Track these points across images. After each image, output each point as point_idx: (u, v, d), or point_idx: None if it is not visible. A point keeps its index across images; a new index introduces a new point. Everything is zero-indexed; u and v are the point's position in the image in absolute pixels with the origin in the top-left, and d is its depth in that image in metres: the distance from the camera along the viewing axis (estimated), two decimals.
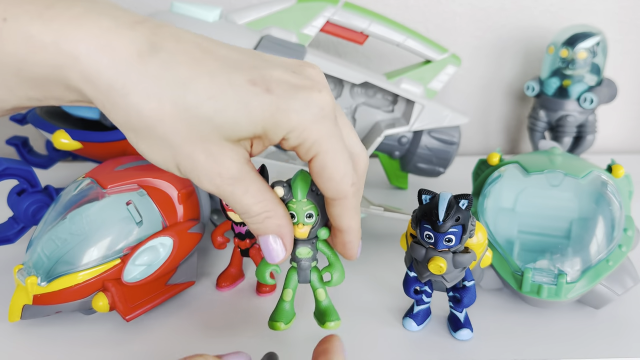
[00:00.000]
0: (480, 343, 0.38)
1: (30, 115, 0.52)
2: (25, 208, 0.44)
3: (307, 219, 0.30)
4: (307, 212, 0.30)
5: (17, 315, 0.37)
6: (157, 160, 0.26)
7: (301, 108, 0.26)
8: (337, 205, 0.29)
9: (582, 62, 0.61)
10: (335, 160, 0.27)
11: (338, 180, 0.28)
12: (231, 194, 0.27)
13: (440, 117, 0.55)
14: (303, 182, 0.30)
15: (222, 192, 0.27)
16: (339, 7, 0.50)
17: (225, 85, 0.25)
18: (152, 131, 0.25)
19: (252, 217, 0.28)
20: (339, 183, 0.28)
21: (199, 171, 0.26)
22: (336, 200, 0.29)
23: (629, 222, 0.42)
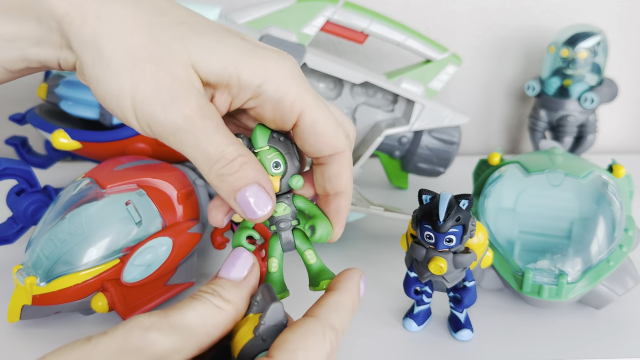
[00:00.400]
0: (481, 343, 0.38)
1: (30, 115, 0.52)
2: (24, 208, 0.44)
3: (274, 169, 0.26)
4: (273, 161, 0.26)
5: (17, 315, 0.37)
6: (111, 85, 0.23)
7: (277, 60, 0.24)
8: (334, 162, 0.26)
9: (582, 62, 0.61)
10: (324, 113, 0.25)
11: (332, 131, 0.25)
12: (202, 128, 0.23)
13: (441, 117, 0.55)
14: (262, 129, 0.26)
15: (191, 126, 0.23)
16: (339, 6, 0.50)
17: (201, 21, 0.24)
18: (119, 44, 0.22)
19: (228, 163, 0.24)
20: (334, 135, 0.25)
21: (162, 97, 0.22)
22: (333, 156, 0.26)
23: (630, 222, 0.42)
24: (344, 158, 0.26)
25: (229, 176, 0.24)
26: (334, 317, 0.23)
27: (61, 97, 0.51)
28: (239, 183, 0.24)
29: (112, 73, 0.22)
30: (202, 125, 0.23)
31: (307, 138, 0.25)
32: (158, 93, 0.22)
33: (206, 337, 0.22)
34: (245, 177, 0.24)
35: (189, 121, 0.23)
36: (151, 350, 0.20)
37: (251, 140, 0.26)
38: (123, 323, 0.21)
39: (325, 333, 0.22)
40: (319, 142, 0.25)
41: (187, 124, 0.23)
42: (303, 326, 0.22)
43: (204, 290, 0.23)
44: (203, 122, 0.23)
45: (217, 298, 0.23)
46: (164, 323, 0.21)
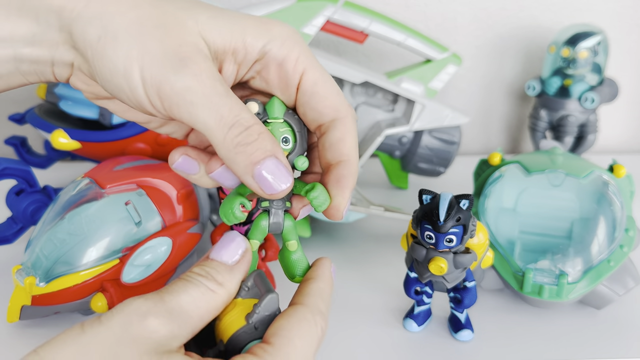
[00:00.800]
0: (481, 344, 0.38)
1: (29, 115, 0.52)
2: (23, 208, 0.44)
3: (283, 144, 0.25)
4: (283, 135, 0.25)
5: (16, 315, 0.37)
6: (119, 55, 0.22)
7: (281, 25, 0.25)
8: (335, 128, 0.25)
9: (583, 62, 0.60)
10: (326, 76, 0.25)
11: (336, 95, 0.25)
12: (213, 88, 0.22)
13: (441, 117, 0.55)
14: (280, 102, 0.25)
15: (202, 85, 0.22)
16: (339, 6, 0.50)
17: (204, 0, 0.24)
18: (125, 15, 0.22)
19: (245, 130, 0.22)
20: (337, 99, 0.25)
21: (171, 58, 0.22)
22: (335, 121, 0.25)
23: (631, 223, 0.42)
24: (346, 123, 0.25)
25: (247, 146, 0.22)
26: (320, 303, 0.24)
27: (61, 97, 0.51)
28: (257, 155, 0.22)
29: (119, 43, 0.22)
30: (213, 86, 0.22)
31: (308, 100, 0.25)
32: (167, 55, 0.22)
33: (199, 321, 0.22)
34: (264, 149, 0.22)
35: (200, 80, 0.22)
36: (150, 339, 0.20)
37: (266, 109, 0.25)
38: (118, 308, 0.20)
39: (315, 320, 0.23)
40: (320, 104, 0.25)
41: (198, 83, 0.22)
42: (295, 314, 0.23)
43: (196, 272, 0.22)
44: (214, 83, 0.22)
45: (210, 281, 0.22)
46: (161, 309, 0.20)
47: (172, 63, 0.22)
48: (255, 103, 0.24)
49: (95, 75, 0.23)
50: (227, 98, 0.22)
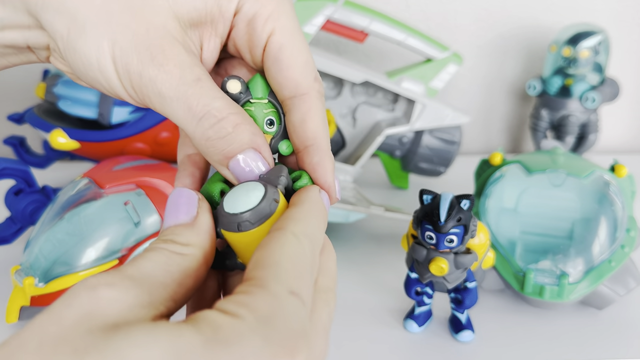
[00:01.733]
0: (482, 344, 0.37)
1: (28, 115, 0.52)
2: (22, 208, 0.44)
3: (267, 127, 0.23)
4: (267, 118, 0.23)
5: (15, 316, 0.37)
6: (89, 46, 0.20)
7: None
8: (296, 107, 0.22)
9: (584, 61, 0.60)
10: (296, 43, 0.22)
11: (299, 65, 0.22)
12: (180, 77, 0.20)
13: (442, 117, 0.55)
14: (264, 79, 0.23)
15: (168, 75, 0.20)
16: (339, 5, 0.50)
17: None
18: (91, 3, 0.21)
19: (217, 122, 0.20)
20: (300, 69, 0.22)
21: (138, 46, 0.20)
22: (296, 97, 0.22)
23: (632, 223, 0.42)
24: (307, 101, 0.22)
25: (219, 140, 0.20)
26: (301, 225, 0.19)
27: (59, 97, 0.51)
28: (232, 149, 0.20)
29: (88, 36, 0.20)
30: (180, 75, 0.20)
31: (270, 67, 0.22)
32: (134, 44, 0.20)
33: (178, 286, 0.18)
34: (240, 141, 0.20)
35: (165, 70, 0.20)
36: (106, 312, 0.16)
37: (249, 87, 0.23)
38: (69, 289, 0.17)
39: (300, 240, 0.19)
40: (280, 75, 0.22)
41: (163, 73, 0.20)
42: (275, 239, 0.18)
43: (154, 242, 0.19)
44: (181, 71, 0.20)
45: (172, 244, 0.19)
46: (116, 277, 0.17)
47: (140, 53, 0.20)
48: (237, 81, 0.22)
49: (70, 66, 0.22)
50: (197, 87, 0.20)
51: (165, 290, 0.18)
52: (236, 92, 0.22)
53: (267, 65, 0.22)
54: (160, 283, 0.18)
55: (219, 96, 0.21)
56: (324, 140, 0.23)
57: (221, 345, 0.15)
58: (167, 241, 0.19)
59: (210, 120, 0.20)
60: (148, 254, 0.18)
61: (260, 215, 0.19)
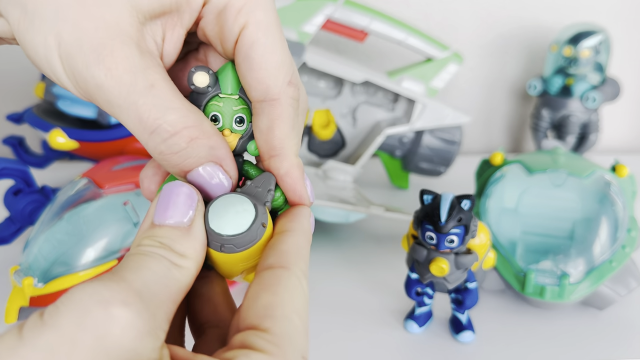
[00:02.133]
0: (483, 345, 0.37)
1: (27, 114, 0.52)
2: (21, 208, 0.44)
3: (236, 125, 0.21)
4: (237, 115, 0.21)
5: (14, 316, 0.37)
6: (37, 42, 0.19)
7: None
8: (266, 110, 0.20)
9: (585, 61, 0.60)
10: (271, 39, 0.20)
11: (271, 68, 0.20)
12: (130, 84, 0.18)
13: (442, 116, 0.54)
14: (235, 72, 0.21)
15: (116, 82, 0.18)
16: (339, 4, 0.50)
17: None
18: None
19: (170, 137, 0.18)
20: (272, 74, 0.20)
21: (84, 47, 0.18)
22: (265, 102, 0.20)
23: (633, 223, 0.42)
24: (277, 108, 0.20)
25: (172, 155, 0.19)
26: (302, 263, 0.19)
27: (58, 96, 0.51)
28: (187, 163, 0.19)
29: (36, 29, 0.18)
30: (131, 82, 0.18)
31: (241, 63, 0.20)
32: (80, 44, 0.18)
33: (172, 305, 0.17)
34: (196, 156, 0.19)
35: (113, 76, 0.18)
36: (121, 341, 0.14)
37: (218, 80, 0.21)
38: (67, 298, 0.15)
39: (302, 284, 0.18)
40: (249, 75, 0.20)
41: (110, 80, 0.18)
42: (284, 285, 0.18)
43: (147, 244, 0.17)
44: (132, 77, 0.18)
45: (169, 252, 0.17)
46: (128, 293, 0.15)
47: (86, 55, 0.18)
48: (204, 74, 0.20)
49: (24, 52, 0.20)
50: (149, 96, 0.18)
51: (162, 309, 0.16)
52: (203, 86, 0.20)
53: (237, 61, 0.20)
54: (160, 302, 0.16)
55: (173, 106, 0.19)
56: (291, 149, 0.21)
57: None
58: (164, 246, 0.17)
59: (162, 135, 0.18)
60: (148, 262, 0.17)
61: (247, 241, 0.18)
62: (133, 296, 0.15)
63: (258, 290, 0.18)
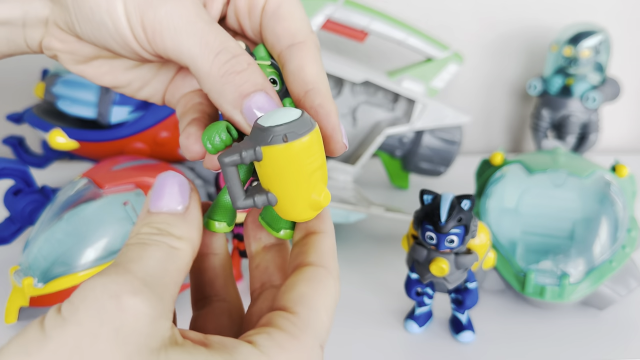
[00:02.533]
0: (483, 345, 0.37)
1: (27, 114, 0.52)
2: (21, 208, 0.44)
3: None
4: (270, 77, 0.23)
5: (14, 317, 0.37)
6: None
7: None
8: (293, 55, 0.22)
9: (585, 61, 0.60)
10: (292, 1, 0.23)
11: (296, 19, 0.23)
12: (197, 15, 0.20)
13: (442, 116, 0.54)
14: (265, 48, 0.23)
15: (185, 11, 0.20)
16: (339, 4, 0.50)
17: None
18: None
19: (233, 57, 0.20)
20: (297, 22, 0.22)
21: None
22: (294, 46, 0.22)
23: (633, 223, 0.42)
24: (304, 49, 0.22)
25: (236, 75, 0.20)
26: (336, 264, 0.21)
27: (58, 96, 0.50)
28: (247, 86, 0.20)
29: None
30: (198, 13, 0.20)
31: (268, 22, 0.23)
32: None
33: (175, 286, 0.18)
34: (254, 81, 0.20)
35: (183, 6, 0.20)
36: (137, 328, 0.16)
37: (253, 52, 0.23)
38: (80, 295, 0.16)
39: (335, 285, 0.20)
40: (278, 26, 0.22)
41: (181, 8, 0.20)
42: (320, 280, 0.19)
43: (147, 232, 0.18)
44: (198, 10, 0.20)
45: (168, 237, 0.18)
46: (134, 283, 0.16)
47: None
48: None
49: (75, 21, 0.21)
50: (213, 25, 0.21)
51: (168, 291, 0.17)
52: None
53: (265, 22, 0.23)
54: (164, 285, 0.17)
55: (232, 39, 0.21)
56: (324, 84, 0.22)
57: None
58: (163, 232, 0.18)
59: (227, 55, 0.20)
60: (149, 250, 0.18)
61: (305, 127, 0.19)
62: (139, 285, 0.16)
63: (298, 280, 0.19)
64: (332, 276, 0.20)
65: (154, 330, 0.16)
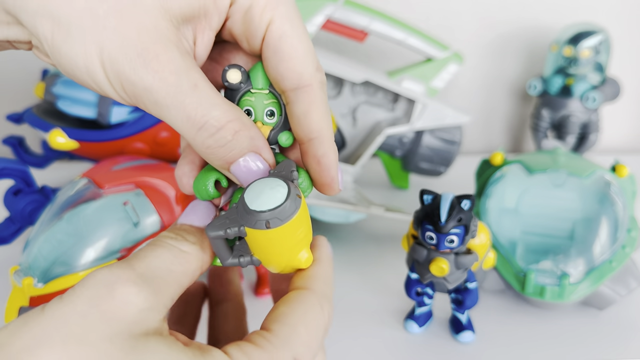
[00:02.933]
0: (483, 345, 0.37)
1: (27, 114, 0.52)
2: (21, 208, 0.44)
3: (267, 118, 0.22)
4: (268, 109, 0.22)
5: (14, 317, 0.37)
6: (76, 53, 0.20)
7: None
8: (299, 99, 0.22)
9: (585, 61, 0.60)
10: (296, 31, 0.21)
11: (301, 55, 0.21)
12: (176, 85, 0.19)
13: (442, 116, 0.54)
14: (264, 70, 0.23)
15: (163, 84, 0.19)
16: (339, 4, 0.50)
17: None
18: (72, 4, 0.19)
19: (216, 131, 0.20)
20: (301, 60, 0.21)
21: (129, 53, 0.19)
22: (299, 89, 0.22)
23: (633, 223, 0.42)
24: (310, 93, 0.22)
25: (219, 148, 0.20)
26: (327, 288, 0.21)
27: (58, 96, 0.50)
28: (232, 155, 0.21)
29: (74, 39, 0.19)
30: (177, 82, 0.19)
31: (271, 57, 0.21)
32: (124, 49, 0.19)
33: (177, 287, 0.19)
34: (239, 148, 0.21)
35: (160, 78, 0.19)
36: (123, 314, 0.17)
37: (250, 77, 0.22)
38: (82, 282, 0.18)
39: (322, 305, 0.21)
40: (281, 65, 0.21)
41: (158, 82, 0.19)
42: (300, 299, 0.20)
43: (166, 235, 0.20)
44: (177, 78, 0.19)
45: (181, 242, 0.20)
46: (130, 275, 0.18)
47: (130, 58, 0.19)
48: (237, 71, 0.22)
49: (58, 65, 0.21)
50: (195, 95, 0.20)
51: (167, 289, 0.19)
52: (236, 82, 0.22)
53: (266, 55, 0.22)
54: (165, 282, 0.19)
55: (217, 102, 0.20)
56: (328, 132, 0.22)
57: None
58: (178, 237, 0.20)
59: (209, 130, 0.20)
60: (156, 250, 0.19)
61: (288, 211, 0.19)
62: (135, 278, 0.18)
63: (279, 303, 0.21)
64: (315, 295, 0.21)
65: (140, 319, 0.17)
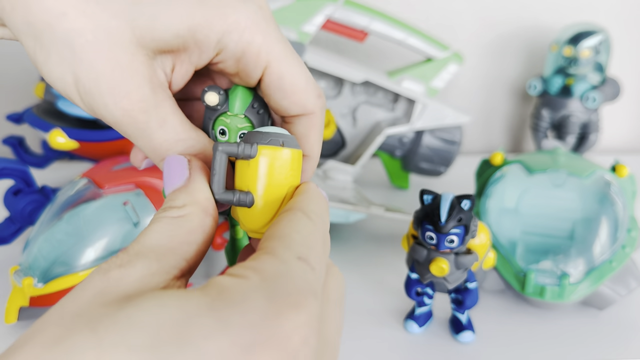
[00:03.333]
0: (483, 345, 0.37)
1: (27, 114, 0.52)
2: (21, 208, 0.43)
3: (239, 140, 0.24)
4: (241, 132, 0.23)
5: (14, 317, 0.36)
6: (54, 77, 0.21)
7: (237, 5, 0.21)
8: (300, 123, 0.23)
9: (585, 61, 0.60)
10: (294, 66, 0.22)
11: (302, 88, 0.23)
12: (145, 124, 0.21)
13: (442, 116, 0.54)
14: (245, 94, 0.23)
15: (133, 121, 0.21)
16: (339, 4, 0.50)
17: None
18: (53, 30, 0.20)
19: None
20: (304, 92, 0.23)
21: (101, 88, 0.20)
22: (301, 116, 0.23)
23: (633, 223, 0.42)
24: (313, 120, 0.23)
25: None
26: (313, 205, 0.20)
27: (58, 96, 0.50)
28: None
29: (53, 63, 0.20)
30: (146, 120, 0.21)
31: (272, 94, 0.23)
32: (98, 84, 0.20)
33: (187, 246, 0.19)
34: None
35: (129, 116, 0.21)
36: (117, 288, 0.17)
37: (228, 99, 0.23)
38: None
39: (311, 217, 0.20)
40: (285, 101, 0.23)
41: (127, 118, 0.21)
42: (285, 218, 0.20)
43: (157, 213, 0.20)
44: (146, 116, 0.21)
45: (170, 210, 0.20)
46: (124, 258, 0.18)
47: (103, 97, 0.20)
48: (215, 94, 0.22)
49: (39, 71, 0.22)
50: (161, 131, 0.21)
51: (174, 253, 0.19)
52: (214, 105, 0.23)
53: (267, 92, 0.23)
54: (167, 249, 0.18)
55: (182, 138, 0.22)
56: (317, 154, 0.24)
57: (225, 304, 0.16)
58: (167, 209, 0.20)
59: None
60: (151, 227, 0.19)
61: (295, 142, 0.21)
62: (128, 258, 0.18)
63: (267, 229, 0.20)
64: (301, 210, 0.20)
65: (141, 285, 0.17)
